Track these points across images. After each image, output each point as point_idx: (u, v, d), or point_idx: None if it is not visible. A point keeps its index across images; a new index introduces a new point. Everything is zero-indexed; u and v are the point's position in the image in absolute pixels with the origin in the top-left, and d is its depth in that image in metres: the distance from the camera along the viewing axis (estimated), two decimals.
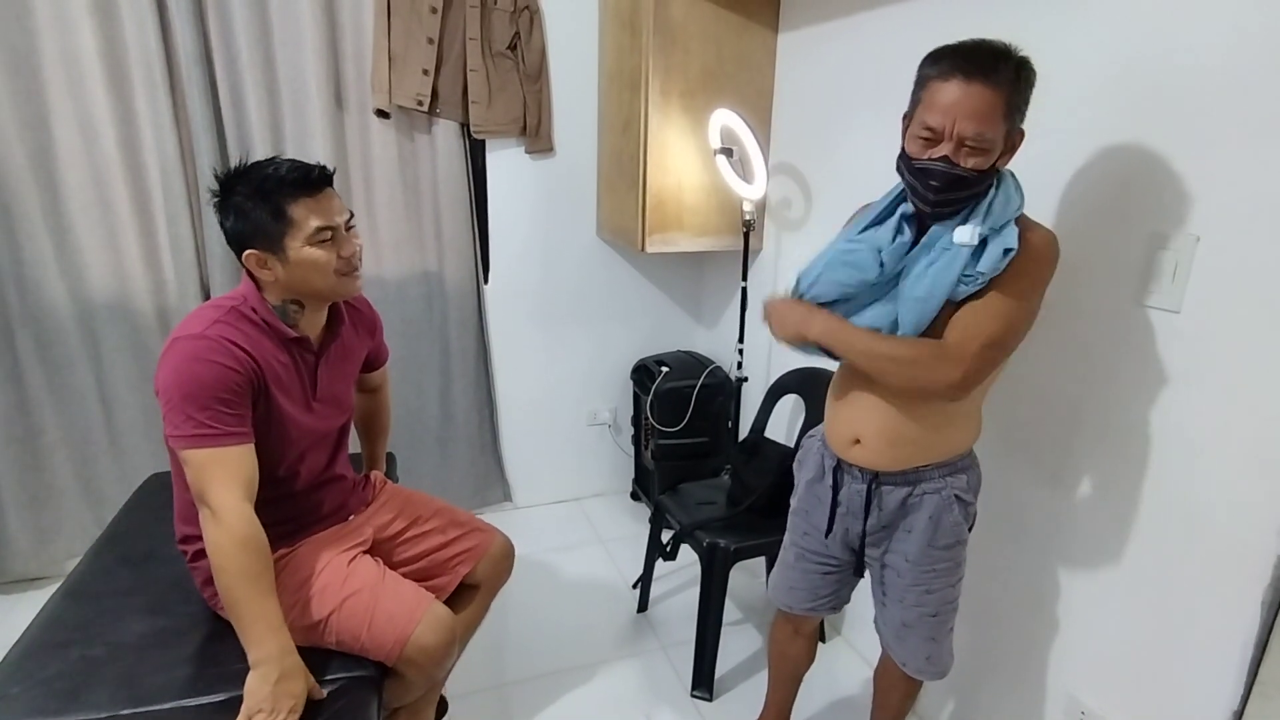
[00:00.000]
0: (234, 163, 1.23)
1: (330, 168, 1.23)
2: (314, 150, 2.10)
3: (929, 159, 1.02)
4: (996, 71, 0.97)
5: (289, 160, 1.19)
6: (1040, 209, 1.31)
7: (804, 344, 1.20)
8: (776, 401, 2.05)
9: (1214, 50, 1.05)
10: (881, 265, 1.12)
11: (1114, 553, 1.28)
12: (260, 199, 1.16)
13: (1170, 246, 1.12)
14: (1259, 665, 1.08)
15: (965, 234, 1.05)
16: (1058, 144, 1.28)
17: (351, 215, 1.27)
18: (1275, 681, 1.06)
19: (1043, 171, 1.31)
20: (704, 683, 1.84)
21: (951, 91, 0.98)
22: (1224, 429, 1.09)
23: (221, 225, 1.21)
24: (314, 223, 1.18)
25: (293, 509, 1.33)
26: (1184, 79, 1.09)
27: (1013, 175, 1.10)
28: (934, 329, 1.10)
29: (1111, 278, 1.21)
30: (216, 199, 1.20)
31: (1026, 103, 1.03)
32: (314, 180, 1.19)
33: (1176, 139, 1.11)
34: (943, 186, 1.02)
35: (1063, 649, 1.40)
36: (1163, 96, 1.12)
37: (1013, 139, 1.05)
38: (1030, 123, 1.08)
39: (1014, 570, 1.47)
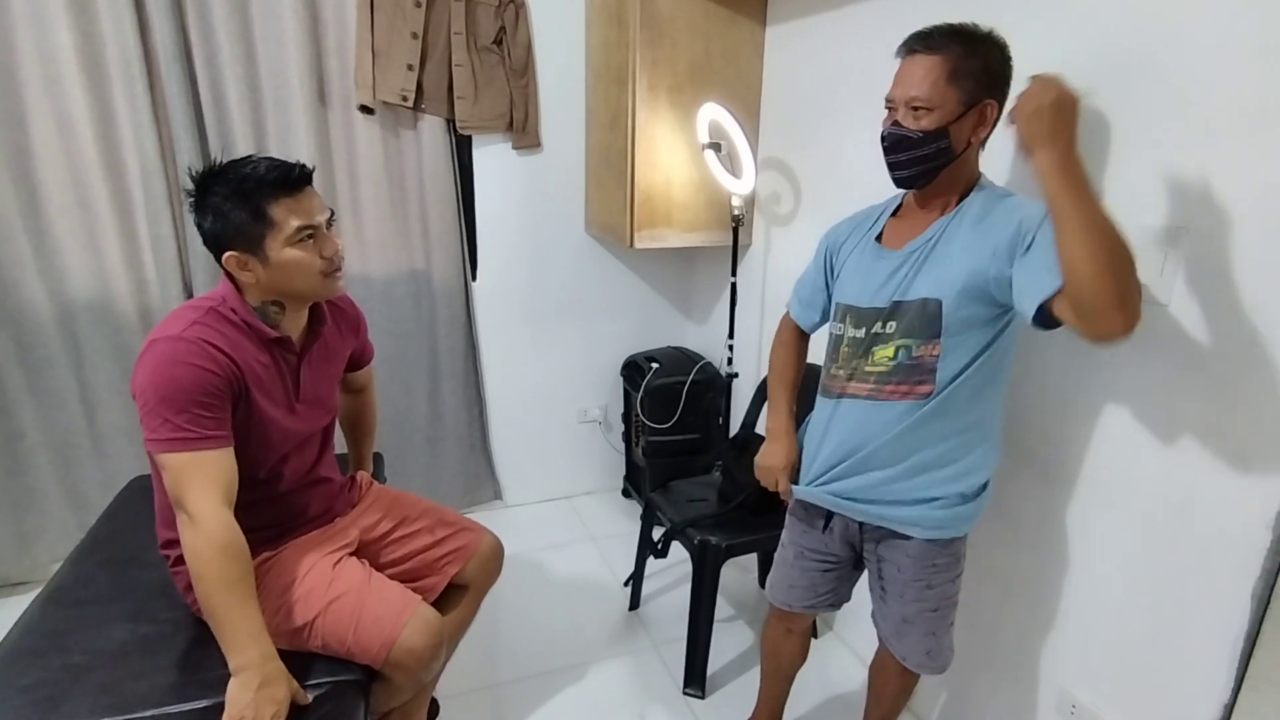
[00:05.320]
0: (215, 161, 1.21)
1: (310, 166, 1.21)
2: (297, 147, 2.07)
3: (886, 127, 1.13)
4: (930, 38, 1.07)
5: (267, 159, 1.17)
6: None
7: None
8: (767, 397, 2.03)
9: (1202, 42, 1.04)
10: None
11: (1105, 546, 1.28)
12: (239, 200, 1.13)
13: (1159, 239, 1.11)
14: (1249, 658, 1.08)
15: None
16: None
17: (332, 214, 1.24)
18: (1266, 675, 1.06)
19: None
20: (696, 680, 1.83)
21: (900, 68, 1.11)
22: (1213, 422, 1.09)
23: (199, 226, 1.18)
24: (294, 223, 1.16)
25: (277, 512, 1.31)
26: (1172, 71, 1.08)
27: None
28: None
29: None
30: (193, 199, 1.17)
31: (988, 72, 1.06)
32: (294, 180, 1.17)
33: (1165, 131, 1.10)
34: (891, 146, 1.12)
35: (1054, 643, 1.40)
36: (1151, 88, 1.11)
37: (981, 109, 1.07)
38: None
39: (1005, 565, 1.47)
